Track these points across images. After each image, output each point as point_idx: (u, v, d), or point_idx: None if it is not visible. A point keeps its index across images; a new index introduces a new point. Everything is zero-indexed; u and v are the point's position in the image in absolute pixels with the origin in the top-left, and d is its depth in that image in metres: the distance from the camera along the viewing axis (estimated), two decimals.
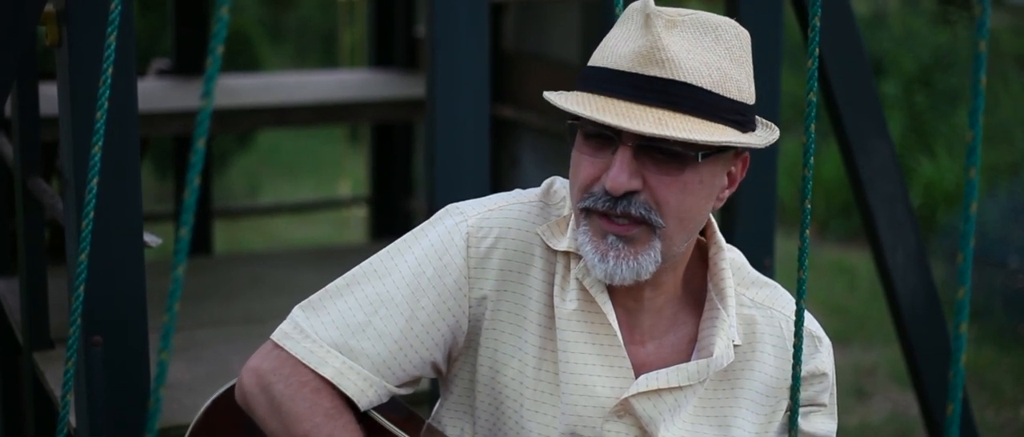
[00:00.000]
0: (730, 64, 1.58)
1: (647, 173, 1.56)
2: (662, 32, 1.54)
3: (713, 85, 1.55)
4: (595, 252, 1.59)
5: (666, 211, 1.58)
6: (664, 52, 1.53)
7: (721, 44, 1.57)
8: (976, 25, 1.11)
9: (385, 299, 1.70)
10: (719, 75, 1.56)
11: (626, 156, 1.55)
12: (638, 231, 1.58)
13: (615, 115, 1.52)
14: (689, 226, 1.62)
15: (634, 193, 1.56)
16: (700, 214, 1.63)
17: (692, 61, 1.54)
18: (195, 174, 1.02)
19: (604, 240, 1.59)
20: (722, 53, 1.57)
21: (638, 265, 1.59)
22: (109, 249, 2.26)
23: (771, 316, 1.76)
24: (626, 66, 1.55)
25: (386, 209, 5.27)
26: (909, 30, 9.93)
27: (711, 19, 1.59)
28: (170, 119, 3.95)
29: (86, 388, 2.30)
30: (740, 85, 1.59)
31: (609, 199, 1.57)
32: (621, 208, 1.56)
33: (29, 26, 2.29)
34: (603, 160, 1.58)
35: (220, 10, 1.03)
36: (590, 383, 1.68)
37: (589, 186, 1.59)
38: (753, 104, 1.62)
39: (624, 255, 1.58)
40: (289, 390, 1.67)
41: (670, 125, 1.51)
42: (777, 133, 1.66)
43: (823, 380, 1.79)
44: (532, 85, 4.50)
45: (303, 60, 12.45)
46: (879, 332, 6.04)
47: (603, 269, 1.59)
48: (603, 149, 1.58)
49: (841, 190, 7.67)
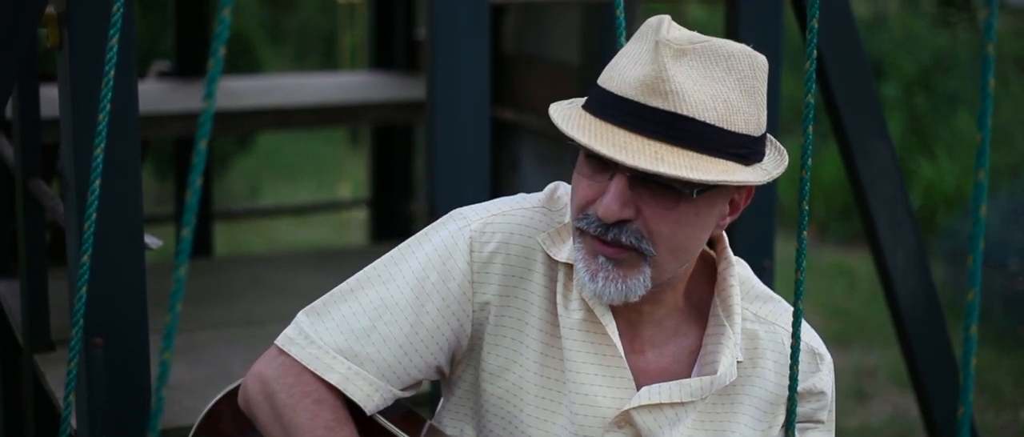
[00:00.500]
0: (739, 96, 1.54)
1: (641, 203, 1.55)
2: (669, 62, 1.52)
3: (717, 119, 1.52)
4: (586, 271, 1.60)
5: (658, 241, 1.57)
6: (669, 83, 1.51)
7: (732, 74, 1.54)
8: (982, 28, 1.12)
9: (389, 304, 1.70)
10: (725, 108, 1.53)
11: (621, 185, 1.54)
12: (628, 256, 1.57)
13: (611, 146, 1.51)
14: (682, 256, 1.61)
15: (626, 222, 1.56)
16: (695, 244, 1.62)
17: (698, 93, 1.51)
18: (197, 176, 1.03)
19: (595, 260, 1.59)
20: (732, 84, 1.54)
21: (626, 288, 1.59)
22: (110, 251, 2.26)
23: (774, 331, 1.75)
24: (630, 93, 1.53)
25: (386, 211, 5.27)
26: (909, 32, 9.94)
27: (725, 47, 1.55)
28: (171, 121, 3.96)
29: (86, 390, 2.30)
30: (747, 117, 1.55)
31: (601, 225, 1.56)
32: (612, 235, 1.56)
33: (30, 28, 2.30)
34: (600, 184, 1.57)
35: (222, 12, 1.03)
36: (592, 393, 1.68)
37: (585, 208, 1.59)
38: (762, 135, 1.60)
39: (613, 277, 1.58)
40: (291, 400, 1.67)
41: (666, 160, 1.49)
42: (786, 160, 1.63)
43: (821, 398, 1.78)
44: (532, 87, 4.51)
45: (304, 62, 12.46)
46: (879, 334, 6.04)
47: (592, 289, 1.60)
48: (601, 173, 1.57)
49: (841, 192, 7.68)
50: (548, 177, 4.31)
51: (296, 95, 4.63)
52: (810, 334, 1.77)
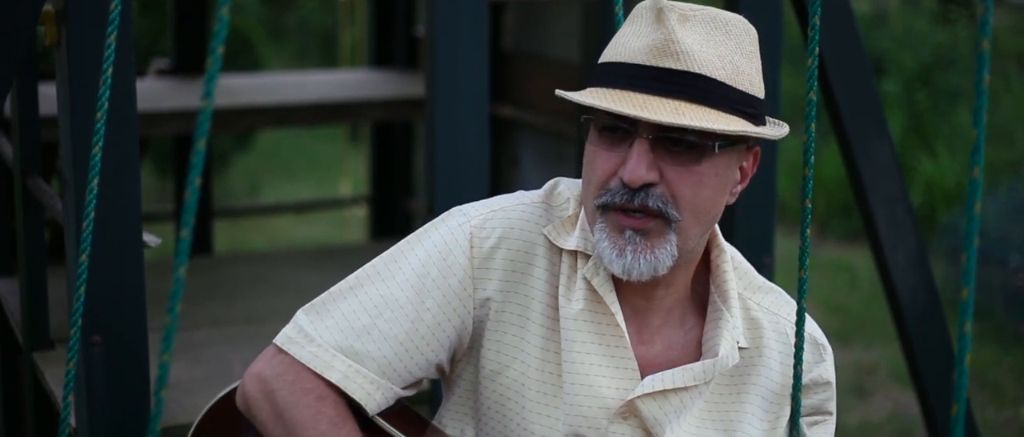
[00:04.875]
0: (741, 58, 1.59)
1: (664, 166, 1.57)
2: (676, 25, 1.56)
3: (726, 77, 1.56)
4: (613, 248, 1.59)
5: (682, 204, 1.58)
6: (678, 45, 1.54)
7: (732, 39, 1.59)
8: (978, 24, 1.11)
9: (390, 301, 1.69)
10: (732, 68, 1.57)
11: (643, 148, 1.55)
12: (654, 224, 1.58)
13: (632, 106, 1.53)
14: (704, 220, 1.62)
15: (651, 185, 1.57)
16: (714, 208, 1.64)
17: (706, 54, 1.56)
18: (196, 175, 1.02)
19: (622, 235, 1.59)
20: (733, 47, 1.58)
21: (655, 259, 1.59)
22: (109, 249, 2.25)
23: (776, 322, 1.76)
24: (641, 59, 1.56)
25: (386, 208, 5.27)
26: (910, 29, 9.92)
27: (721, 15, 1.60)
28: (170, 119, 3.95)
29: (86, 388, 2.30)
30: (751, 79, 1.60)
31: (627, 192, 1.57)
32: (639, 200, 1.57)
33: (28, 26, 2.29)
34: (619, 154, 1.58)
35: (221, 10, 1.03)
36: (595, 384, 1.68)
37: (606, 181, 1.59)
38: (763, 98, 1.63)
39: (641, 249, 1.58)
40: (292, 398, 1.66)
41: (687, 115, 1.52)
42: (786, 128, 1.68)
43: (827, 388, 1.79)
44: (532, 84, 4.50)
45: (303, 60, 12.45)
46: (879, 331, 6.04)
47: (621, 264, 1.59)
48: (619, 143, 1.58)
49: (841, 189, 7.68)
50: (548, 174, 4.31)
51: (296, 93, 4.63)
52: (811, 325, 1.78)
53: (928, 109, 8.70)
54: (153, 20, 8.48)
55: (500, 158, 4.70)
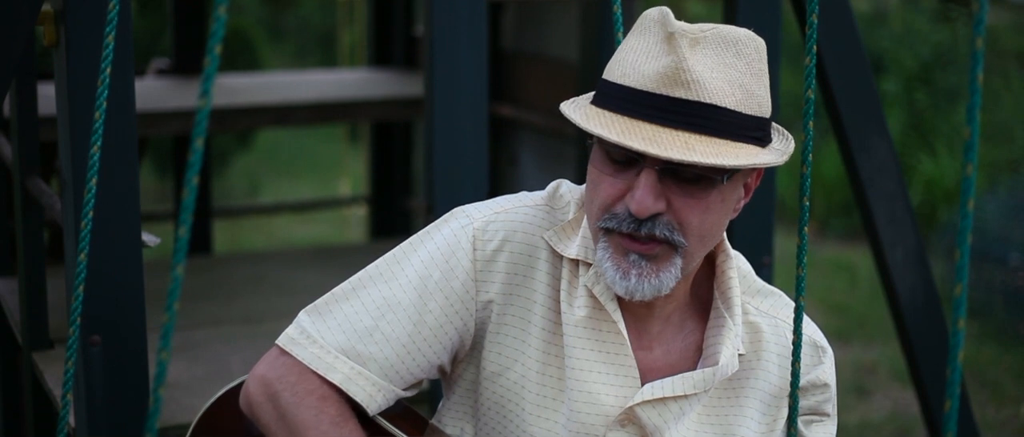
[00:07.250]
0: (751, 79, 1.56)
1: (671, 195, 1.55)
2: (686, 51, 1.52)
3: (736, 104, 1.53)
4: (617, 270, 1.58)
5: (689, 231, 1.57)
6: (689, 73, 1.51)
7: (742, 59, 1.56)
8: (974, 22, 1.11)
9: (392, 303, 1.69)
10: (742, 93, 1.54)
11: (651, 179, 1.53)
12: (660, 250, 1.57)
13: (641, 139, 1.50)
14: (709, 243, 1.62)
15: (658, 215, 1.55)
16: (719, 230, 1.63)
17: (716, 80, 1.52)
18: (193, 174, 1.02)
19: (626, 258, 1.57)
20: (743, 68, 1.55)
21: (659, 282, 1.58)
22: (108, 249, 2.25)
23: (776, 325, 1.75)
24: (651, 86, 1.52)
25: (386, 208, 5.27)
26: (909, 27, 9.92)
27: (730, 33, 1.56)
28: (169, 119, 3.95)
29: (85, 387, 2.30)
30: (760, 101, 1.57)
31: (633, 221, 1.55)
32: (645, 230, 1.55)
33: (27, 26, 2.29)
34: (625, 181, 1.56)
35: (218, 10, 1.03)
36: (595, 391, 1.68)
37: (611, 205, 1.57)
38: (769, 116, 1.61)
39: (646, 273, 1.57)
40: (295, 398, 1.66)
41: (697, 150, 1.49)
42: (792, 142, 1.65)
43: (826, 390, 1.79)
44: (531, 84, 4.50)
45: (303, 59, 12.45)
46: (879, 330, 6.04)
47: (625, 286, 1.58)
48: (625, 170, 1.56)
49: (841, 188, 7.68)
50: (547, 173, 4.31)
51: (295, 92, 4.63)
52: (811, 327, 1.78)
53: (928, 108, 8.70)
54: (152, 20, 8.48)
55: (499, 158, 4.70)
